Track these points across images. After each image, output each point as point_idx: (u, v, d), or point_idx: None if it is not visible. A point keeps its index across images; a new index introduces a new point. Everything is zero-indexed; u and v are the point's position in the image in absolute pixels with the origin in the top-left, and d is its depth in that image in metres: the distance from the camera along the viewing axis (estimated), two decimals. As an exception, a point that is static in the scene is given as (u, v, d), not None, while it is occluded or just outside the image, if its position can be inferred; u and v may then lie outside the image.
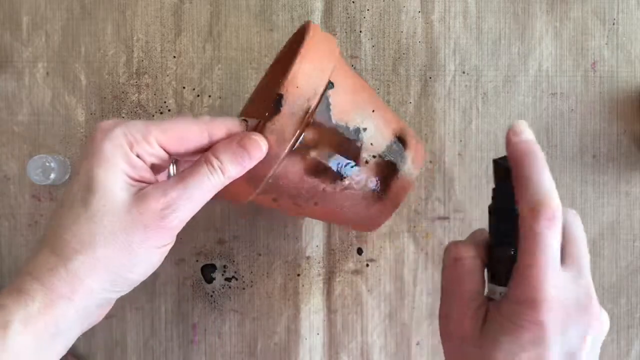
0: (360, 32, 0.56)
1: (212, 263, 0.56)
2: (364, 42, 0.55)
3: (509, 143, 0.40)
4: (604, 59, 0.55)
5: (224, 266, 0.56)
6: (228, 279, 0.56)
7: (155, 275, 0.56)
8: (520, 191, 0.38)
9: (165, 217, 0.38)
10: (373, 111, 0.44)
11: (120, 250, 0.38)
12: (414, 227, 0.56)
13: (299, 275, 0.56)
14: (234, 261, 0.56)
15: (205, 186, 0.39)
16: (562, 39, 0.56)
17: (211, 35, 0.56)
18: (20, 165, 0.55)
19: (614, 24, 0.55)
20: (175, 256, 0.56)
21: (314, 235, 0.56)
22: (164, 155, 0.40)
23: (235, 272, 0.56)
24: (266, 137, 0.40)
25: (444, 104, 0.56)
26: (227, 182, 0.40)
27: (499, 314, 0.38)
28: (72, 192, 0.39)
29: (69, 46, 0.56)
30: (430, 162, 0.55)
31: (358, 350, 0.56)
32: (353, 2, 0.55)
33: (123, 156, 0.38)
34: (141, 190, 0.39)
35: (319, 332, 0.56)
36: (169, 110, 0.55)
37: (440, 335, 0.41)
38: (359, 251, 0.56)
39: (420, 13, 0.56)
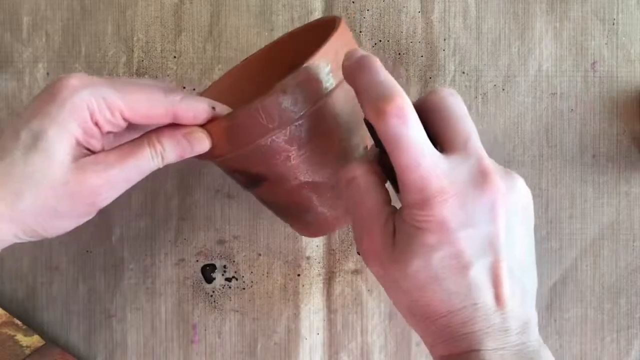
0: (360, 32, 0.55)
1: (212, 263, 0.56)
2: (364, 42, 0.55)
3: (343, 72, 0.38)
4: (604, 59, 0.55)
5: (224, 266, 0.56)
6: (228, 279, 0.56)
7: (155, 275, 0.56)
8: (361, 101, 0.37)
9: (100, 194, 0.39)
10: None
11: (43, 212, 0.38)
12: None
13: (299, 275, 0.56)
14: (234, 261, 0.56)
15: (144, 168, 0.40)
16: (562, 39, 0.56)
17: (211, 35, 0.56)
18: (20, 165, 0.55)
19: (614, 24, 0.55)
20: (175, 256, 0.56)
21: (314, 235, 0.56)
22: (123, 125, 0.40)
23: (235, 272, 0.56)
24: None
25: (444, 104, 0.56)
26: (163, 165, 0.41)
27: (403, 222, 0.37)
28: (17, 137, 0.38)
29: (69, 46, 0.56)
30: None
31: (358, 350, 0.56)
32: (353, 2, 0.55)
33: (81, 122, 0.38)
34: (82, 159, 0.38)
35: (319, 332, 0.56)
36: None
37: (364, 261, 0.39)
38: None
39: (420, 13, 0.56)
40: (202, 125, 0.41)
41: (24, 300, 0.56)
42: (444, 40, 0.56)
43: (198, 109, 0.41)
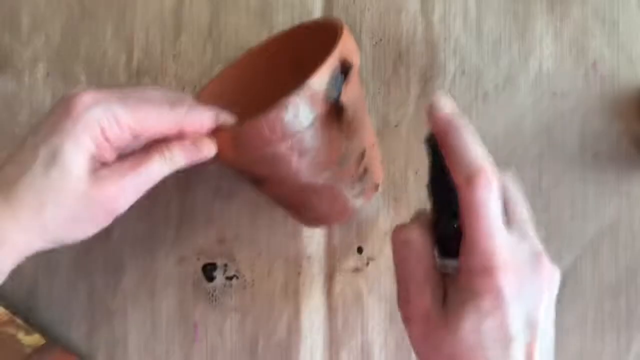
0: (361, 32, 0.55)
1: (213, 262, 0.56)
2: (364, 42, 0.55)
3: (431, 119, 0.40)
4: (605, 59, 0.55)
5: (225, 265, 0.56)
6: (229, 278, 0.56)
7: (155, 275, 0.56)
8: (452, 164, 0.38)
9: (117, 202, 0.41)
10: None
11: (66, 222, 0.41)
12: (414, 226, 0.56)
13: (299, 274, 0.56)
14: (234, 260, 0.56)
15: (155, 174, 0.42)
16: (562, 39, 0.55)
17: (211, 35, 0.56)
18: (21, 165, 0.55)
19: (614, 24, 0.55)
20: (176, 255, 0.56)
21: (314, 234, 0.56)
22: (130, 138, 0.42)
23: (236, 270, 0.56)
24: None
25: (444, 103, 0.55)
26: (173, 170, 0.43)
27: (457, 287, 0.39)
28: (37, 152, 0.40)
29: (69, 46, 0.56)
30: (431, 161, 0.55)
31: (358, 349, 0.56)
32: (353, 2, 0.55)
33: (94, 138, 0.40)
34: (98, 172, 0.41)
35: (320, 331, 0.56)
36: (169, 110, 0.55)
37: (403, 321, 0.41)
38: (359, 250, 0.56)
39: (420, 13, 0.55)
40: (209, 134, 0.43)
41: (25, 300, 0.56)
42: (444, 40, 0.55)
43: (203, 120, 0.43)
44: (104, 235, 0.56)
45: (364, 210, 0.56)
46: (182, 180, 0.56)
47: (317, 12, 0.55)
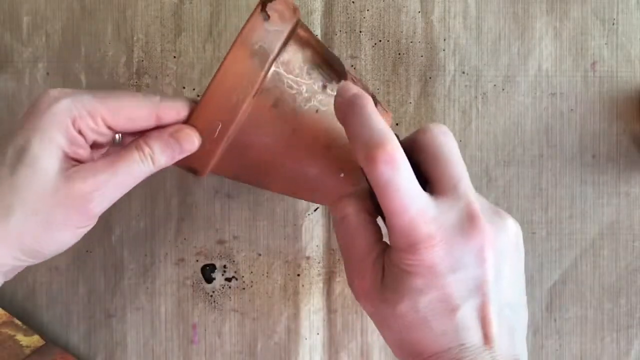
0: (360, 32, 0.55)
1: (212, 263, 0.56)
2: (364, 42, 0.55)
3: (334, 105, 0.38)
4: (604, 59, 0.55)
5: (224, 266, 0.56)
6: (228, 279, 0.56)
7: (155, 275, 0.56)
8: (352, 143, 0.36)
9: (91, 201, 0.38)
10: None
11: (37, 227, 0.37)
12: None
13: (299, 275, 0.56)
14: (234, 261, 0.56)
15: (135, 173, 0.39)
16: (561, 39, 0.56)
17: (211, 35, 0.56)
18: (20, 165, 0.55)
19: (613, 24, 0.55)
20: (175, 256, 0.56)
21: (313, 236, 0.56)
22: (108, 133, 0.40)
23: (235, 272, 0.56)
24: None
25: (443, 104, 0.56)
26: (155, 171, 0.40)
27: (391, 263, 0.37)
28: (4, 153, 0.38)
29: (69, 46, 0.56)
30: (430, 162, 0.55)
31: (358, 350, 0.56)
32: (353, 2, 0.55)
33: (63, 131, 0.38)
34: (70, 169, 0.38)
35: (319, 332, 0.56)
36: (169, 110, 0.55)
37: (355, 297, 0.40)
38: (359, 251, 0.56)
39: (420, 13, 0.56)
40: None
41: (24, 300, 0.56)
42: (444, 40, 0.56)
43: (178, 105, 0.40)
44: (104, 235, 0.56)
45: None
46: (182, 181, 0.56)
47: (317, 12, 0.55)
